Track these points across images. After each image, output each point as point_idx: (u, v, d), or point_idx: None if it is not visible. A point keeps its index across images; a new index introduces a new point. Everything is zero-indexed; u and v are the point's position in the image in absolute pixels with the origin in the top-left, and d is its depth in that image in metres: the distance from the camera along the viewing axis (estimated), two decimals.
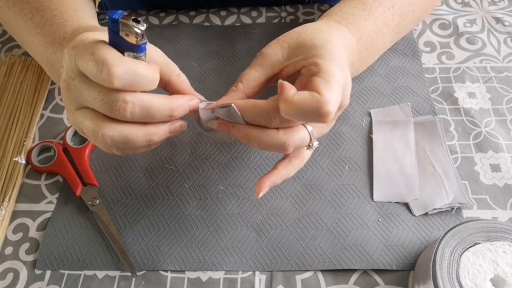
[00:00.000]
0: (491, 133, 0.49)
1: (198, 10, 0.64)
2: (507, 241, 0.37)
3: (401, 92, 0.53)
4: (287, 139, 0.34)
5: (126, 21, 0.28)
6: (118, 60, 0.29)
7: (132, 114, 0.31)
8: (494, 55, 0.56)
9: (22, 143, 0.52)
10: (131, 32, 0.29)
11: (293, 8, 0.64)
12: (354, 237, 0.43)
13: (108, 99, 0.30)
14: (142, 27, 0.29)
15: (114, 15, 0.28)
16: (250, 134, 0.34)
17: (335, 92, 0.32)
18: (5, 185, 0.48)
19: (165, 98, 0.33)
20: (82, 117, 0.32)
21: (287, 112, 0.31)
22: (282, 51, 0.38)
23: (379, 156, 0.48)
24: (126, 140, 0.32)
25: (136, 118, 0.31)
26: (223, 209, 0.46)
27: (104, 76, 0.29)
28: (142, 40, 0.29)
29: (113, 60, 0.29)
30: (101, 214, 0.46)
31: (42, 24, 0.42)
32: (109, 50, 0.29)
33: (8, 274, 0.43)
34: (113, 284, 0.42)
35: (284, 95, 0.31)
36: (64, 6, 0.43)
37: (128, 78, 0.29)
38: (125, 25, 0.28)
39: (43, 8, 0.44)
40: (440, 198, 0.44)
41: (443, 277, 0.36)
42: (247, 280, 0.42)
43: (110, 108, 0.30)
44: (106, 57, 0.29)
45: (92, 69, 0.29)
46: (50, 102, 0.56)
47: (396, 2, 0.48)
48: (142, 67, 0.30)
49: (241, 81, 0.38)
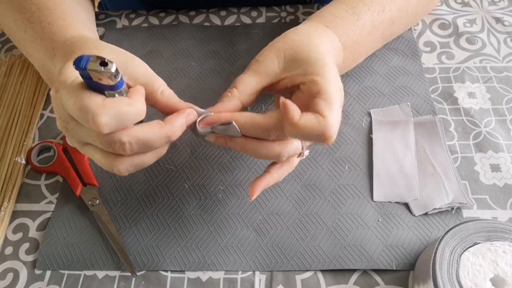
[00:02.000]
0: (491, 133, 0.49)
1: (198, 10, 0.64)
2: (507, 241, 0.37)
3: (401, 92, 0.53)
4: (282, 150, 0.36)
5: (94, 68, 0.28)
6: (100, 109, 0.29)
7: (132, 151, 0.32)
8: (494, 55, 0.56)
9: (22, 143, 0.52)
10: (103, 76, 0.28)
11: (293, 8, 0.64)
12: (354, 237, 0.43)
13: (105, 141, 0.31)
14: (112, 69, 0.28)
15: (80, 64, 0.28)
16: (247, 146, 0.36)
17: (337, 113, 0.34)
18: (5, 185, 0.48)
19: (159, 127, 0.33)
20: (91, 152, 0.33)
21: (292, 134, 0.33)
22: (278, 61, 0.38)
23: (379, 156, 0.48)
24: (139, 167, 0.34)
25: (136, 151, 0.32)
26: (223, 209, 0.46)
27: (92, 126, 0.29)
28: (116, 79, 0.29)
29: (96, 109, 0.29)
30: (101, 214, 0.46)
31: (34, 39, 0.42)
32: (89, 97, 0.29)
33: (8, 274, 0.43)
34: (113, 284, 0.42)
35: (290, 118, 0.32)
36: (52, 16, 0.43)
37: (115, 122, 0.30)
38: (95, 71, 0.28)
39: (34, 19, 0.43)
40: (440, 198, 0.44)
41: (443, 277, 0.36)
42: (247, 280, 0.42)
43: (112, 148, 0.31)
44: (88, 106, 0.29)
45: (78, 116, 0.30)
46: (50, 102, 0.56)
47: (386, 7, 0.48)
48: (125, 106, 0.30)
49: (236, 87, 0.38)
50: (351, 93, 0.54)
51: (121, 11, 0.65)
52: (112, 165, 0.33)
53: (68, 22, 0.43)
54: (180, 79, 0.56)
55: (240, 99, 0.38)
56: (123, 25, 0.63)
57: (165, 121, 0.34)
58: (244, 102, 0.38)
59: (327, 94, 0.34)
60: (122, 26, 0.63)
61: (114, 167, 0.33)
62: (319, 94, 0.34)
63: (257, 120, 0.34)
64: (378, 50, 0.56)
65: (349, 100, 0.53)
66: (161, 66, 0.58)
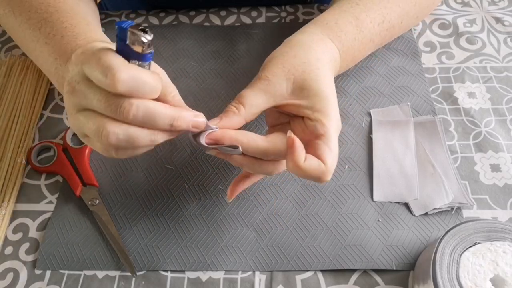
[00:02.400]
0: (491, 133, 0.49)
1: (198, 10, 0.64)
2: (507, 241, 0.37)
3: (401, 92, 0.53)
4: (274, 169, 0.39)
5: (134, 30, 0.29)
6: (122, 66, 0.29)
7: (134, 117, 0.31)
8: (494, 55, 0.56)
9: (22, 143, 0.52)
10: (138, 41, 0.29)
11: (293, 8, 0.64)
12: (354, 237, 0.43)
13: (113, 101, 0.31)
14: (149, 37, 0.29)
15: (123, 24, 0.29)
16: (244, 163, 0.38)
17: (335, 159, 0.36)
18: (5, 185, 0.48)
19: (169, 107, 0.33)
20: (85, 119, 0.32)
21: (293, 172, 0.35)
22: (287, 84, 0.38)
23: (379, 156, 0.48)
24: (130, 139, 0.32)
25: (138, 121, 0.31)
26: (223, 209, 0.46)
27: (108, 81, 0.29)
28: (148, 50, 0.30)
29: (118, 66, 0.29)
30: (101, 214, 0.46)
31: (52, 35, 0.42)
32: (115, 56, 0.30)
33: (8, 274, 0.43)
34: (113, 284, 0.42)
35: (296, 160, 0.34)
36: (74, 20, 0.43)
37: (131, 84, 0.30)
38: (133, 33, 0.29)
39: (52, 19, 0.43)
40: (440, 198, 0.44)
41: (443, 277, 0.36)
42: (247, 280, 0.42)
43: (115, 110, 0.31)
44: (112, 63, 0.29)
45: (97, 74, 0.30)
46: (50, 102, 0.56)
47: (386, 16, 0.48)
48: (146, 75, 0.31)
49: (242, 104, 0.38)
50: (351, 93, 0.54)
51: (121, 11, 0.65)
52: (103, 127, 0.31)
53: (92, 28, 0.43)
54: (180, 79, 0.56)
55: (245, 116, 0.38)
56: None
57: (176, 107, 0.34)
58: (247, 120, 0.38)
59: (331, 141, 0.36)
60: None
61: (104, 130, 0.31)
62: (324, 138, 0.36)
63: (259, 144, 0.36)
64: (378, 50, 0.56)
65: (349, 100, 0.53)
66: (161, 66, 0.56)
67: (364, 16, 0.46)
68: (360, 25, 0.46)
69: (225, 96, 0.54)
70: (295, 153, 0.34)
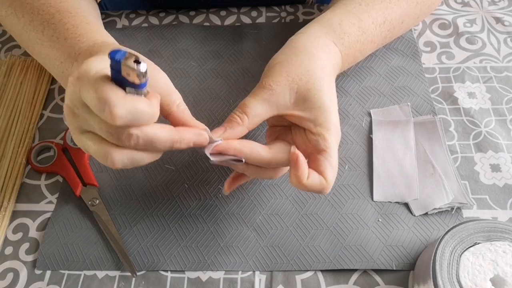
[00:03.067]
0: (491, 133, 0.49)
1: (198, 10, 0.64)
2: (507, 241, 0.37)
3: (401, 92, 0.53)
4: (275, 174, 0.41)
5: (127, 63, 0.29)
6: (119, 101, 0.30)
7: (135, 145, 0.32)
8: (494, 55, 0.56)
9: (22, 143, 0.52)
10: (132, 73, 0.29)
11: (293, 8, 0.64)
12: (354, 237, 0.43)
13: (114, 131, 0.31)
14: (143, 69, 0.29)
15: (116, 56, 0.29)
16: (247, 171, 0.39)
17: (335, 173, 0.38)
18: (5, 185, 0.48)
19: (169, 130, 0.33)
20: (89, 141, 0.33)
21: (295, 187, 0.36)
22: (291, 94, 0.38)
23: (379, 156, 0.48)
24: (134, 161, 0.33)
25: (140, 147, 0.32)
26: (223, 209, 0.46)
27: (106, 116, 0.30)
28: (143, 79, 0.30)
29: (115, 101, 0.29)
30: (101, 214, 0.46)
31: (55, 38, 0.42)
32: (111, 88, 0.30)
33: (8, 274, 0.43)
34: (113, 284, 0.42)
35: (299, 177, 0.35)
36: (75, 19, 0.43)
37: (129, 117, 0.30)
38: (127, 66, 0.29)
39: (54, 21, 0.43)
40: (440, 198, 0.44)
41: (443, 277, 0.36)
42: (247, 280, 0.42)
43: (117, 138, 0.31)
44: (108, 96, 0.29)
45: (95, 105, 0.30)
46: (50, 102, 0.56)
47: (387, 17, 0.48)
48: (143, 104, 0.31)
49: (246, 113, 0.38)
50: (351, 93, 0.54)
51: (121, 11, 0.65)
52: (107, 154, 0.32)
53: (92, 27, 0.43)
54: (180, 79, 0.56)
55: (248, 126, 0.38)
56: (123, 25, 0.63)
57: (177, 129, 0.34)
58: (250, 129, 0.39)
59: (332, 157, 0.37)
60: (122, 26, 0.63)
61: (109, 156, 0.32)
62: (325, 154, 0.37)
63: (262, 155, 0.37)
64: (378, 50, 0.56)
65: (349, 100, 0.53)
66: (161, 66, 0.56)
67: (366, 17, 0.46)
68: (363, 27, 0.46)
69: (225, 96, 0.54)
70: (299, 171, 0.35)
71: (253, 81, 0.55)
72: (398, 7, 0.49)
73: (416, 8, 0.51)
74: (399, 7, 0.49)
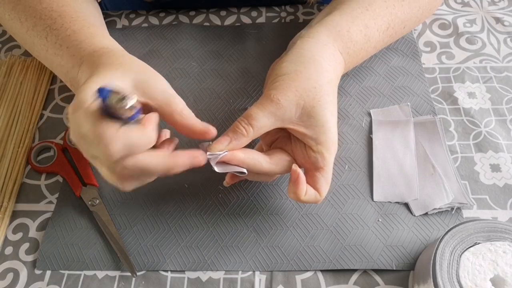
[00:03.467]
0: (491, 133, 0.49)
1: (198, 10, 0.64)
2: (507, 241, 0.37)
3: (401, 92, 0.53)
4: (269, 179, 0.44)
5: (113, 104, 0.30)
6: (113, 137, 0.31)
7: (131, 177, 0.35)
8: (494, 55, 0.56)
9: (22, 143, 0.52)
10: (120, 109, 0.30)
11: (293, 8, 0.64)
12: (354, 237, 0.43)
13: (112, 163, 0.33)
14: (131, 102, 0.30)
15: (102, 95, 0.30)
16: (248, 178, 0.41)
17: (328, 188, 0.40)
18: (5, 185, 0.48)
19: (163, 158, 0.35)
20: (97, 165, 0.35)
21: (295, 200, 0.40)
22: (296, 110, 0.38)
23: (379, 156, 0.48)
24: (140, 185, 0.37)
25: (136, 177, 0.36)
26: (223, 209, 0.46)
27: (102, 152, 0.31)
28: (132, 112, 0.31)
29: (110, 137, 0.31)
30: (101, 214, 0.46)
31: (59, 45, 0.42)
32: (104, 125, 0.31)
33: (8, 274, 0.43)
34: (113, 284, 0.42)
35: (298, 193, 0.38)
36: (76, 24, 0.43)
37: (125, 149, 0.32)
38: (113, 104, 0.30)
39: (56, 26, 0.43)
40: (440, 198, 0.44)
41: (443, 277, 0.36)
42: (247, 280, 0.42)
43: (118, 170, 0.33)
44: (102, 134, 0.31)
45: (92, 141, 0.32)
46: (50, 102, 0.56)
47: (391, 23, 0.48)
48: (137, 135, 0.33)
49: (251, 125, 0.38)
50: (351, 93, 0.54)
51: (121, 11, 0.65)
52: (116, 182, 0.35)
53: (93, 31, 0.43)
54: (180, 79, 0.56)
55: (252, 137, 0.39)
56: (123, 25, 0.63)
57: (171, 155, 0.36)
58: (253, 138, 0.39)
59: (328, 174, 0.40)
60: (122, 26, 0.63)
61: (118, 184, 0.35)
62: (323, 171, 0.40)
63: (264, 166, 0.39)
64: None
65: (349, 100, 0.53)
66: (161, 66, 0.58)
67: (373, 24, 0.46)
68: (369, 34, 0.46)
69: (225, 96, 0.54)
70: (299, 188, 0.38)
71: (253, 81, 0.55)
72: (402, 13, 0.49)
73: (418, 12, 0.51)
74: (402, 13, 0.49)
